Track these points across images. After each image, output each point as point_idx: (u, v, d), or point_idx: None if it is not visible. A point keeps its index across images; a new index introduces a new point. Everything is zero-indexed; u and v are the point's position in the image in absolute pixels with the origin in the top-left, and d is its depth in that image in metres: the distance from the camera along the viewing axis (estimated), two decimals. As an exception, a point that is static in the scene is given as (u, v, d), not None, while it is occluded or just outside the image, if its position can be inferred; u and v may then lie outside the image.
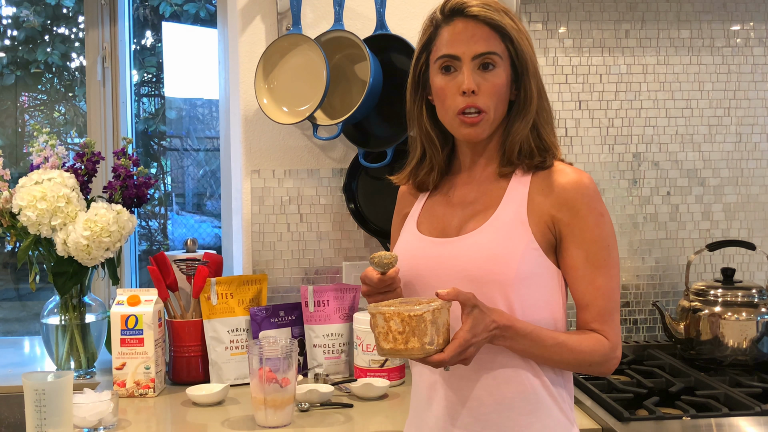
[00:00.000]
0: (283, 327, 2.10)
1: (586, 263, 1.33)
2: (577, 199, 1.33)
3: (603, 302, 1.34)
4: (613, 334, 1.34)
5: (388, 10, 2.12)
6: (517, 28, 1.36)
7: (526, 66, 1.35)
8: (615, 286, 1.35)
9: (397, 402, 1.90)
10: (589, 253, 1.33)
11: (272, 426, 1.71)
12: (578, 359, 1.33)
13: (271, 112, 2.09)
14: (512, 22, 1.35)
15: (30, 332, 3.16)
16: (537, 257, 1.32)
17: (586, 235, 1.32)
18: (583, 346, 1.32)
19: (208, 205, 3.66)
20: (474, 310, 1.23)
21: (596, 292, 1.33)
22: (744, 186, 2.39)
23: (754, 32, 2.37)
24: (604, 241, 1.33)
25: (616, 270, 1.35)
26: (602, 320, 1.34)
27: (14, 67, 3.34)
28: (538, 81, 1.37)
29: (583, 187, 1.33)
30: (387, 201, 2.19)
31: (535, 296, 1.33)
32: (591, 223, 1.32)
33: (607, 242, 1.33)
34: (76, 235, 1.94)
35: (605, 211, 1.35)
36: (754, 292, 2.11)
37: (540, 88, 1.38)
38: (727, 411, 1.76)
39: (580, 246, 1.33)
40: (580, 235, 1.32)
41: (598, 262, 1.33)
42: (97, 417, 1.69)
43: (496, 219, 1.35)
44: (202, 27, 3.35)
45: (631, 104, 2.35)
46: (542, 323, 1.32)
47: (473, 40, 1.32)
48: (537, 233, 1.32)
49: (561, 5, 2.31)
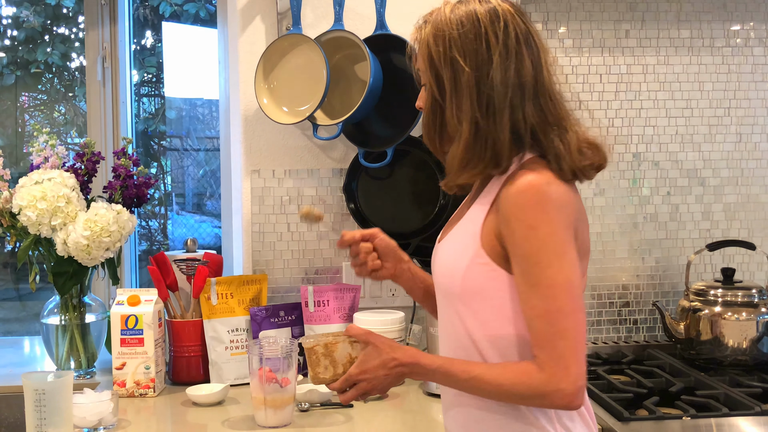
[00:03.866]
0: (283, 327, 2.10)
1: (521, 281, 1.22)
2: (509, 210, 1.22)
3: (540, 325, 1.20)
4: (551, 365, 1.19)
5: (388, 10, 2.12)
6: (421, 39, 1.33)
7: (433, 76, 1.31)
8: (556, 309, 1.19)
9: (398, 402, 1.90)
10: (522, 269, 1.22)
11: (272, 426, 1.71)
12: (501, 392, 1.24)
13: (271, 112, 2.09)
14: (419, 37, 1.34)
15: (30, 332, 3.16)
16: (487, 271, 1.26)
17: (517, 250, 1.22)
18: (503, 378, 1.23)
19: (208, 205, 3.67)
20: (367, 347, 1.33)
21: (531, 313, 1.21)
22: (744, 186, 2.39)
23: (754, 32, 2.37)
24: (534, 257, 1.20)
25: (559, 290, 1.19)
26: (539, 346, 1.20)
27: (14, 67, 3.35)
28: (435, 79, 1.30)
29: (517, 196, 1.22)
30: (387, 201, 2.19)
31: (492, 311, 1.27)
32: (519, 236, 1.21)
33: (538, 258, 1.19)
34: (76, 235, 1.94)
35: (540, 224, 1.20)
36: (754, 292, 2.11)
37: (437, 87, 1.30)
38: (727, 411, 1.77)
39: (515, 261, 1.23)
40: (512, 249, 1.23)
41: (531, 280, 1.21)
42: (97, 417, 1.69)
43: (456, 230, 1.35)
44: (202, 27, 3.35)
45: (631, 104, 2.35)
46: (506, 339, 1.27)
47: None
48: (487, 246, 1.27)
49: (561, 5, 2.31)
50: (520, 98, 1.27)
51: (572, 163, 1.27)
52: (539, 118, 1.28)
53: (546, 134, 1.28)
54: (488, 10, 1.29)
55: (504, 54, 1.27)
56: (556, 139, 1.28)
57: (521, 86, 1.27)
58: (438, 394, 1.92)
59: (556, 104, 1.30)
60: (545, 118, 1.28)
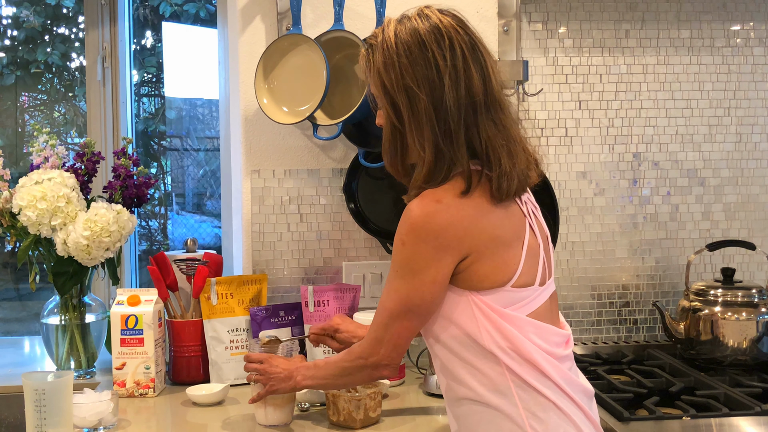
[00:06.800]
0: (283, 327, 2.10)
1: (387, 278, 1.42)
2: (400, 222, 1.37)
3: (376, 314, 1.43)
4: (366, 342, 1.45)
5: (388, 10, 2.12)
6: (372, 67, 1.40)
7: (389, 104, 1.39)
8: (387, 305, 1.39)
9: (398, 402, 1.90)
10: (390, 270, 1.40)
11: (272, 425, 1.71)
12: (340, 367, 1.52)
13: (271, 112, 2.09)
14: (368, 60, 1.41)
15: (30, 332, 3.16)
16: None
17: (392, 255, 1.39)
18: (337, 357, 1.54)
19: (208, 205, 3.67)
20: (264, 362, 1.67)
21: (379, 303, 1.43)
22: (744, 186, 2.39)
23: (754, 32, 2.37)
24: (395, 264, 1.37)
25: (397, 297, 1.37)
26: (370, 328, 1.45)
27: (14, 67, 3.35)
28: (392, 106, 1.38)
29: (404, 213, 1.35)
30: (387, 201, 2.19)
31: (437, 316, 1.40)
32: (394, 246, 1.37)
33: (396, 266, 1.37)
34: (76, 235, 1.94)
35: (408, 242, 1.34)
36: (754, 292, 2.11)
37: (394, 114, 1.39)
38: (727, 411, 1.76)
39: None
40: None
41: (388, 280, 1.40)
42: (97, 417, 1.69)
43: None
44: (202, 27, 3.36)
45: (631, 104, 2.35)
46: (456, 338, 1.37)
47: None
48: None
49: (561, 5, 2.31)
50: (473, 115, 1.34)
51: (512, 185, 1.36)
52: (492, 131, 1.35)
53: (495, 150, 1.35)
54: (431, 28, 1.35)
55: (453, 75, 1.33)
56: (504, 157, 1.35)
57: (473, 104, 1.35)
58: (437, 394, 1.92)
59: (505, 113, 1.38)
60: (496, 132, 1.35)
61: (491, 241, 1.35)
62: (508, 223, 1.38)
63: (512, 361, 1.34)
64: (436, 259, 1.33)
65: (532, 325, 1.37)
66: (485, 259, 1.34)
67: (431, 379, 1.94)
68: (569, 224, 2.33)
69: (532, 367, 1.35)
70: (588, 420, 1.39)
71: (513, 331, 1.34)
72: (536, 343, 1.36)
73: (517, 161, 1.37)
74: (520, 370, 1.34)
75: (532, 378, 1.35)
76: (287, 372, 1.63)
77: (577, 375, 1.44)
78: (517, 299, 1.37)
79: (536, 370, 1.35)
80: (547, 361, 1.35)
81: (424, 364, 2.07)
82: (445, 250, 1.33)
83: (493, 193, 1.35)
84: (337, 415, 1.71)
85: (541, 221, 1.48)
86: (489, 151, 1.35)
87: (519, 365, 1.34)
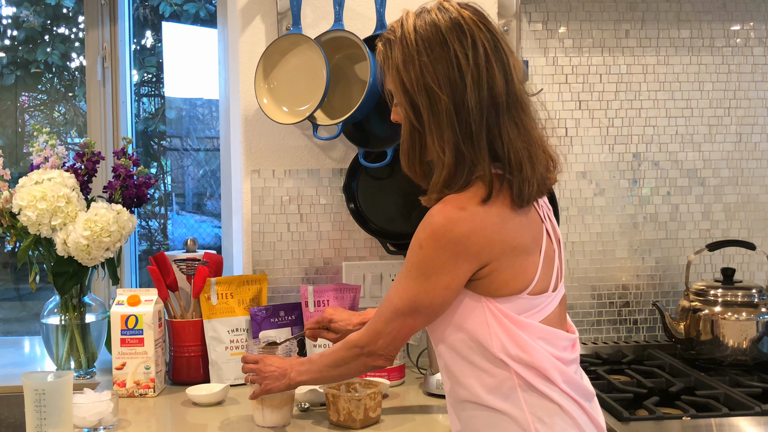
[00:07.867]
0: (283, 327, 2.10)
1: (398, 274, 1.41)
2: (420, 224, 1.34)
3: (381, 307, 1.42)
4: (365, 332, 1.44)
5: (388, 10, 2.12)
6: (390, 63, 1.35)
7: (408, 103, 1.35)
8: (394, 300, 1.38)
9: (398, 402, 1.90)
10: (402, 268, 1.38)
11: (271, 426, 1.71)
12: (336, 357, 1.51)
13: (271, 112, 2.09)
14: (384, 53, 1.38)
15: (30, 332, 3.16)
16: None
17: (407, 254, 1.37)
18: (332, 348, 1.53)
19: (208, 205, 3.67)
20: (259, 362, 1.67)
21: (387, 296, 1.42)
22: (744, 186, 2.39)
23: (754, 32, 2.37)
24: (408, 264, 1.35)
25: (406, 296, 1.35)
26: (372, 318, 1.44)
27: (14, 67, 3.34)
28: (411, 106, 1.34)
29: (425, 219, 1.33)
30: (387, 201, 2.19)
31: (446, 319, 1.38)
32: (411, 246, 1.35)
33: (409, 266, 1.35)
34: (76, 235, 1.94)
35: (426, 247, 1.31)
36: (754, 292, 2.11)
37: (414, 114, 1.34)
38: (727, 411, 1.77)
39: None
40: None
41: (398, 277, 1.39)
42: (97, 417, 1.69)
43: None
44: (202, 27, 3.35)
45: (631, 104, 2.35)
46: (464, 342, 1.36)
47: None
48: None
49: (561, 5, 2.31)
50: (495, 116, 1.30)
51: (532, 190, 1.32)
52: (514, 133, 1.30)
53: (516, 153, 1.30)
54: (452, 24, 1.29)
55: (476, 75, 1.29)
56: (525, 161, 1.31)
57: (495, 105, 1.30)
58: (437, 394, 1.92)
59: (527, 114, 1.34)
60: (518, 134, 1.31)
61: (512, 251, 1.32)
62: (527, 230, 1.35)
63: (520, 366, 1.32)
64: (453, 266, 1.30)
65: (543, 331, 1.35)
66: (505, 267, 1.32)
67: (431, 379, 1.94)
68: (569, 224, 2.33)
69: (539, 372, 1.33)
70: (591, 422, 1.38)
71: (524, 338, 1.33)
72: (546, 348, 1.34)
73: (537, 165, 1.32)
74: (528, 375, 1.33)
75: (539, 382, 1.33)
76: (281, 370, 1.62)
77: (581, 377, 1.43)
78: (531, 306, 1.35)
79: (543, 375, 1.33)
80: (555, 366, 1.34)
81: (424, 364, 2.07)
82: (463, 258, 1.30)
83: (514, 199, 1.32)
84: (337, 415, 1.71)
85: (554, 223, 1.45)
86: (510, 154, 1.30)
87: (527, 370, 1.33)
